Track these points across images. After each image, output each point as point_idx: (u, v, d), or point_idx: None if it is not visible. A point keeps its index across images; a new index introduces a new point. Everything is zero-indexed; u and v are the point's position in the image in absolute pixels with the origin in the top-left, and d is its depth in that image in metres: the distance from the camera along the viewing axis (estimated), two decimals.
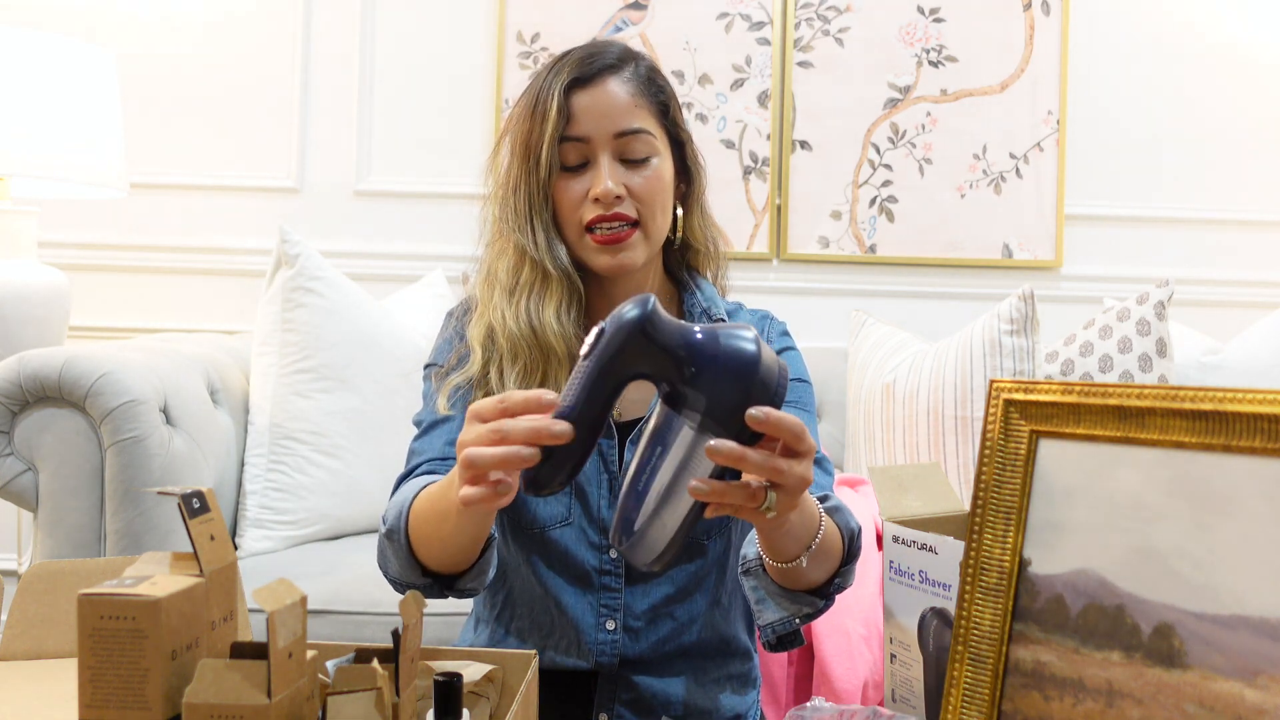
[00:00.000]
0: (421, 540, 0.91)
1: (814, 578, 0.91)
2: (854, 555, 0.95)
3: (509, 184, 1.03)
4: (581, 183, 1.00)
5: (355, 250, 2.39)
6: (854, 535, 0.94)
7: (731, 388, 0.68)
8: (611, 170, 0.99)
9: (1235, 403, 0.56)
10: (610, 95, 1.00)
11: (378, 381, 1.88)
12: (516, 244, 1.02)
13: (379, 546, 0.96)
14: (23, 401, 1.49)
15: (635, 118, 1.01)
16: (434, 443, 1.03)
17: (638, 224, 1.01)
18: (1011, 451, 0.68)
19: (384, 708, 0.56)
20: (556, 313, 1.00)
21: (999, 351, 1.81)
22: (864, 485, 1.82)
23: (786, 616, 0.93)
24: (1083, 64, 2.41)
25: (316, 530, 1.80)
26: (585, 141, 1.00)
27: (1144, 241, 2.43)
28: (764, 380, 0.68)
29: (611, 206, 0.99)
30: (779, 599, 0.93)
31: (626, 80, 1.01)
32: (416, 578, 0.93)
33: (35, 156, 1.89)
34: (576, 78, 0.99)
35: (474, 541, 0.89)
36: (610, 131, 1.00)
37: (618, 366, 0.69)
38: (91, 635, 0.54)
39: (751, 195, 2.39)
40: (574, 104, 0.99)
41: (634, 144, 1.00)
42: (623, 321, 0.68)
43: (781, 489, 0.72)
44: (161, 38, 2.41)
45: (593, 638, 1.03)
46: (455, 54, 2.42)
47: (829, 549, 0.89)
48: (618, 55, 1.03)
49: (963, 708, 0.65)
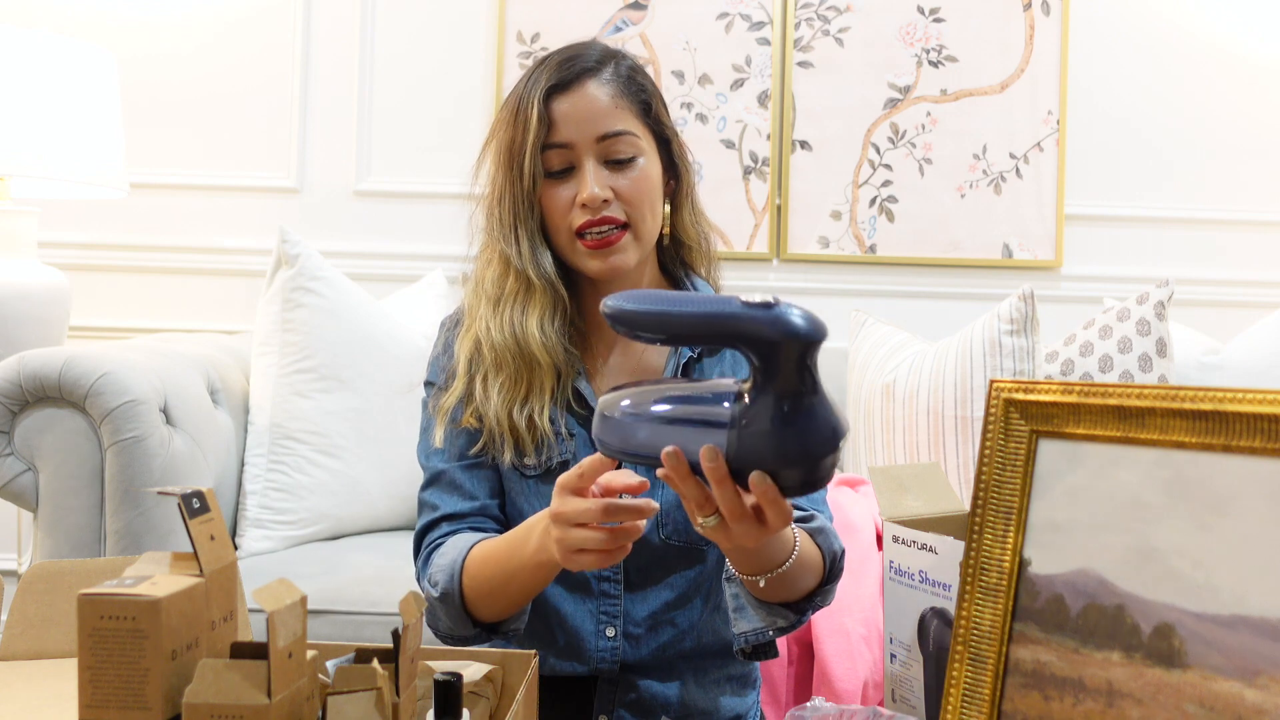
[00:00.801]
0: (479, 599, 0.95)
1: (788, 594, 0.93)
2: (834, 576, 0.97)
3: (494, 193, 1.03)
4: (568, 189, 1.00)
5: (355, 250, 2.39)
6: (835, 557, 0.96)
7: (790, 452, 0.68)
8: (596, 174, 0.99)
9: (1235, 403, 0.56)
10: (590, 99, 0.99)
11: (378, 381, 1.88)
12: (501, 254, 1.02)
13: (428, 608, 0.98)
14: (23, 401, 1.49)
15: (617, 119, 1.00)
16: (448, 499, 1.04)
17: (627, 226, 1.00)
18: (1011, 451, 0.68)
19: (384, 708, 0.56)
20: (540, 323, 1.00)
21: (999, 351, 1.81)
22: (864, 485, 1.82)
23: (761, 627, 0.95)
24: (1083, 64, 2.41)
25: (316, 530, 1.80)
26: (568, 147, 0.99)
27: (1144, 241, 2.43)
28: (817, 460, 0.68)
29: (599, 211, 0.98)
30: (755, 609, 0.95)
31: (606, 82, 1.01)
32: (468, 630, 0.97)
33: (35, 156, 1.89)
34: (555, 83, 0.99)
35: (538, 591, 0.93)
36: (592, 135, 0.99)
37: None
38: (91, 635, 0.54)
39: (751, 195, 2.39)
40: (554, 110, 0.99)
41: (618, 145, 1.00)
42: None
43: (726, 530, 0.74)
44: (161, 38, 2.41)
45: (593, 645, 1.03)
46: (455, 54, 2.42)
47: (802, 571, 0.91)
48: (596, 57, 1.02)
49: (963, 708, 0.65)
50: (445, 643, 1.00)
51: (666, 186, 1.07)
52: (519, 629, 0.99)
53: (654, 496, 1.03)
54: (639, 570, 1.03)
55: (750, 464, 0.69)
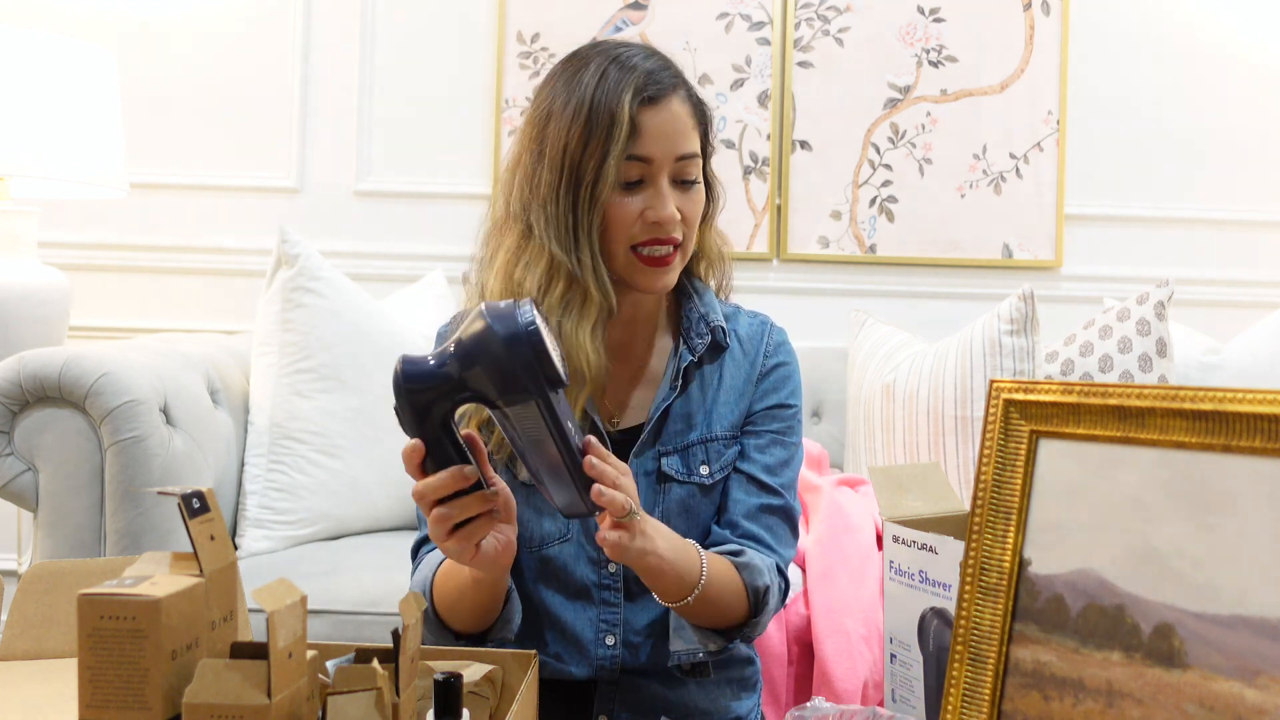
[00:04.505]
0: (449, 612, 0.97)
1: (718, 620, 1.00)
2: (759, 609, 1.01)
3: (545, 192, 0.96)
4: (637, 201, 0.96)
5: (355, 250, 2.39)
6: (759, 592, 1.00)
7: (491, 370, 0.75)
8: (671, 194, 0.97)
9: (1235, 403, 0.56)
10: (676, 116, 0.97)
11: (378, 381, 1.88)
12: (552, 257, 0.96)
13: None
14: (23, 401, 1.49)
15: (692, 141, 0.99)
16: None
17: (678, 246, 0.99)
18: (1011, 451, 0.68)
19: (384, 708, 0.56)
20: (589, 335, 0.97)
21: (999, 351, 1.81)
22: (864, 485, 1.82)
23: (695, 648, 1.00)
24: (1083, 64, 2.41)
25: (316, 530, 1.80)
26: (648, 161, 0.96)
27: (1144, 241, 2.43)
28: (506, 343, 0.74)
29: (670, 232, 0.97)
30: (691, 630, 1.01)
31: (685, 100, 0.99)
32: (450, 642, 0.99)
33: (35, 156, 1.89)
34: (650, 95, 0.95)
35: (494, 601, 0.95)
36: (673, 153, 0.97)
37: (426, 420, 0.78)
38: (91, 635, 0.54)
39: (751, 195, 2.39)
40: (643, 120, 0.95)
41: (689, 167, 0.98)
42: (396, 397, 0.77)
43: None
44: (161, 38, 2.41)
45: (592, 653, 1.03)
46: (455, 54, 2.42)
47: (718, 599, 0.97)
48: (675, 74, 1.00)
49: (963, 708, 0.65)
50: None
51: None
52: (508, 638, 0.98)
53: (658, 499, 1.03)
54: (638, 579, 1.03)
55: (519, 390, 0.75)
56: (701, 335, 1.05)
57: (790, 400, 1.08)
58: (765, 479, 1.05)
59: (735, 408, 1.06)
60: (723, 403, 1.06)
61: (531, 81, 2.38)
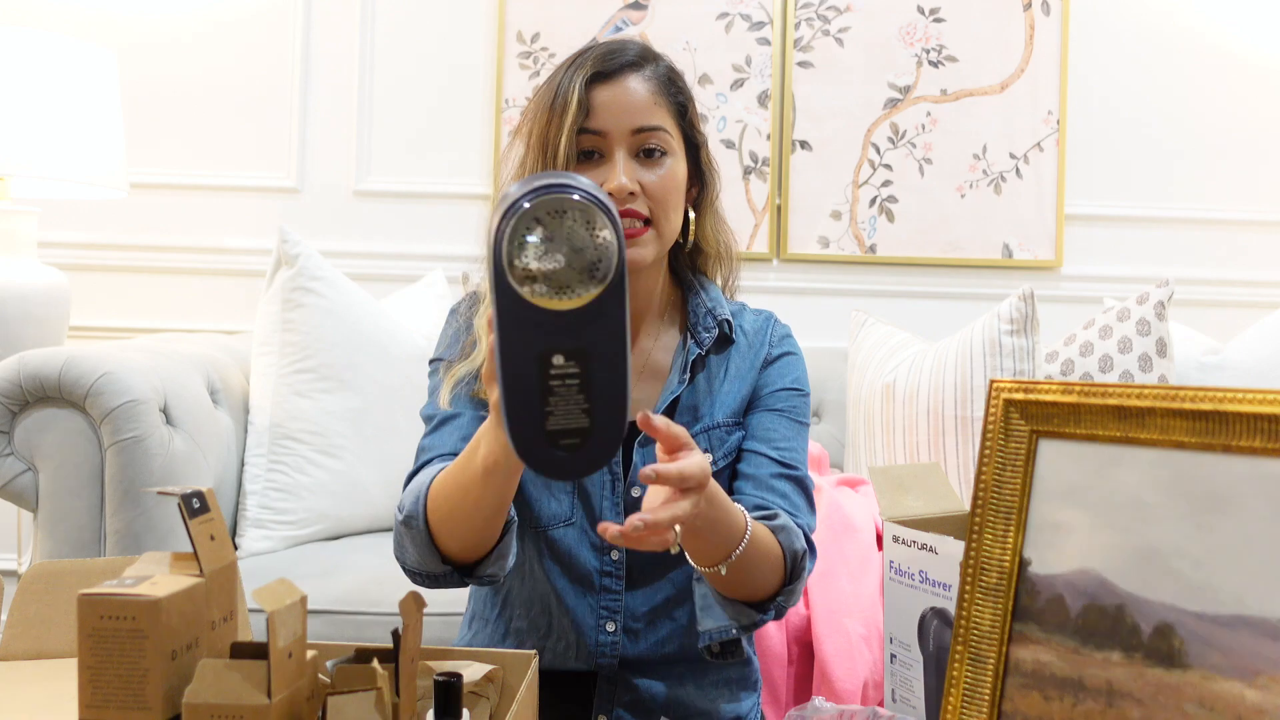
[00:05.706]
0: (442, 522, 0.90)
1: (751, 590, 0.93)
2: (796, 575, 0.96)
3: (523, 175, 1.01)
4: (595, 176, 0.98)
5: (355, 250, 2.39)
6: (796, 556, 0.95)
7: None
8: (626, 166, 0.98)
9: (1235, 403, 0.56)
10: (630, 91, 0.99)
11: (378, 381, 1.88)
12: None
13: (395, 536, 0.95)
14: (23, 401, 1.49)
15: (653, 115, 1.00)
16: (446, 438, 1.02)
17: (649, 222, 1.00)
18: (1011, 451, 0.68)
19: (384, 708, 0.56)
20: None
21: (999, 351, 1.81)
22: (864, 485, 1.82)
23: (727, 624, 0.95)
24: (1083, 64, 2.41)
25: (316, 530, 1.80)
26: (602, 135, 0.99)
27: (1144, 241, 2.43)
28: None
29: (625, 203, 0.98)
30: (722, 605, 0.95)
31: (647, 78, 1.01)
32: (436, 565, 0.92)
33: (35, 156, 1.89)
34: (598, 72, 0.99)
35: (497, 512, 0.87)
36: (628, 127, 0.99)
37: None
38: (91, 635, 0.54)
39: (751, 195, 2.39)
40: (594, 97, 0.98)
41: (650, 141, 1.00)
42: None
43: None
44: (161, 37, 2.41)
45: (592, 639, 1.03)
46: (455, 54, 2.42)
47: (758, 563, 0.91)
48: (638, 53, 1.02)
49: (963, 708, 0.65)
50: (416, 583, 0.95)
51: (689, 193, 1.07)
52: (495, 575, 0.93)
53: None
54: (640, 567, 1.04)
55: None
56: (709, 329, 1.06)
57: (797, 385, 1.09)
58: (776, 453, 1.04)
59: (737, 395, 1.06)
60: (725, 391, 1.06)
61: (531, 81, 2.38)
